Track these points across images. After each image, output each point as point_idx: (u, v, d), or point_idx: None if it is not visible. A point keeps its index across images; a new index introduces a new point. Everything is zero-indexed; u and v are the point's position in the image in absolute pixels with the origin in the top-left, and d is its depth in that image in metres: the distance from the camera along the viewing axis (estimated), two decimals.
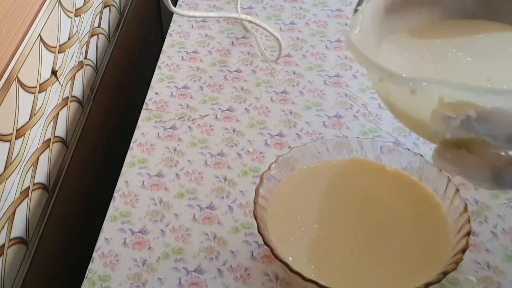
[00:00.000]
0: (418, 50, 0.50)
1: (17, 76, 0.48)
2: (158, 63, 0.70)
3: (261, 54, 0.70)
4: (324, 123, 0.61)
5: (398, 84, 0.41)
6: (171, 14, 0.70)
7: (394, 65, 0.46)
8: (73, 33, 0.60)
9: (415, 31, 0.52)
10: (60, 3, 0.56)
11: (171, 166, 0.58)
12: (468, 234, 0.43)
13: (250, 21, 0.68)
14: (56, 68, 0.56)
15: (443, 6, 0.53)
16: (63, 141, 0.59)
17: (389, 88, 0.45)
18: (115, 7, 0.75)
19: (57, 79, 0.56)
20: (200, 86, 0.66)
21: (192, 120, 0.62)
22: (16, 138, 0.48)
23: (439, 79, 0.39)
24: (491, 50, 0.50)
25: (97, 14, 0.68)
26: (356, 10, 0.48)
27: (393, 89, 0.44)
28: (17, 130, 0.48)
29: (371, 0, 0.49)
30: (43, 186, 0.54)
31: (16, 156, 0.48)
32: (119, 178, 0.57)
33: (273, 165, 0.50)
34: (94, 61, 0.68)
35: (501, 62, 0.49)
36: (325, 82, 0.66)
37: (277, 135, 0.60)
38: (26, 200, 0.51)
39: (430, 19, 0.53)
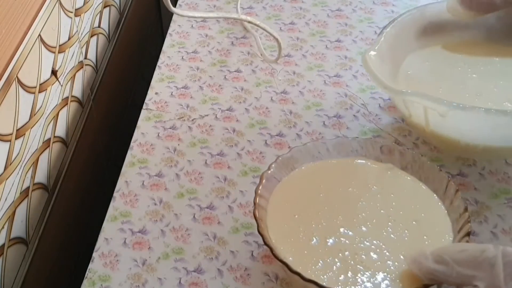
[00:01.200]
0: (431, 61, 0.60)
1: (17, 76, 0.48)
2: (158, 63, 0.70)
3: (261, 55, 0.70)
4: (324, 123, 0.61)
5: (389, 94, 0.52)
6: (171, 14, 0.70)
7: (417, 72, 0.59)
8: (73, 33, 0.60)
9: (448, 46, 0.61)
10: (60, 3, 0.56)
11: (171, 166, 0.58)
12: (468, 234, 0.43)
13: (249, 22, 0.68)
14: (56, 68, 0.56)
15: (475, 30, 0.61)
16: (63, 141, 0.59)
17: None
18: (115, 7, 0.75)
19: (57, 79, 0.56)
20: (200, 86, 0.66)
21: (192, 120, 0.62)
22: (16, 138, 0.48)
23: (418, 93, 0.49)
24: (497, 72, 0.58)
25: (97, 14, 0.68)
26: (381, 32, 0.56)
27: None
28: (17, 130, 0.48)
29: (398, 24, 0.58)
30: (43, 186, 0.54)
31: (16, 156, 0.48)
32: (119, 178, 0.57)
33: (273, 165, 0.50)
34: (94, 61, 0.68)
35: (499, 83, 0.56)
36: (325, 82, 0.66)
37: (277, 135, 0.60)
38: (26, 200, 0.51)
39: (462, 38, 0.61)
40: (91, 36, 0.66)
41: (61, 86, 0.58)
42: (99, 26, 0.69)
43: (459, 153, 0.57)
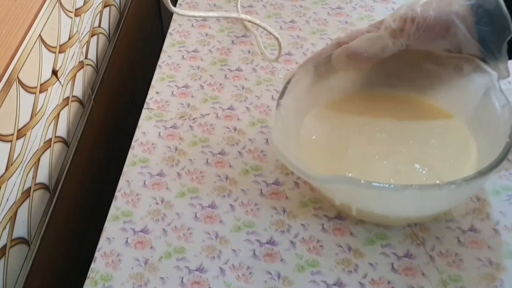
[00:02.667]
0: (333, 122, 0.56)
1: (17, 77, 0.48)
2: (159, 62, 0.70)
3: (261, 53, 0.70)
4: None
5: (313, 183, 0.47)
6: (171, 13, 0.70)
7: (315, 135, 0.54)
8: (73, 33, 0.60)
9: (332, 105, 0.57)
10: (60, 3, 0.56)
11: (172, 165, 0.58)
12: None
13: (249, 21, 0.68)
14: (57, 68, 0.56)
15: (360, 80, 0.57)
16: (64, 141, 0.59)
17: None
18: (115, 6, 0.75)
19: (58, 79, 0.56)
20: (200, 85, 0.66)
21: (193, 119, 0.62)
22: (17, 139, 0.48)
23: (344, 178, 0.44)
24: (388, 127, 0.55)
25: (97, 13, 0.68)
26: (278, 104, 0.51)
27: None
28: (18, 131, 0.48)
29: (292, 90, 0.53)
30: (44, 186, 0.54)
31: (17, 157, 0.48)
32: (121, 177, 0.57)
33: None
34: (95, 61, 0.68)
35: (407, 142, 0.53)
36: None
37: None
38: (27, 200, 0.51)
39: (352, 90, 0.57)
40: (92, 36, 0.66)
41: (62, 86, 0.58)
42: (99, 26, 0.69)
43: (388, 224, 0.52)
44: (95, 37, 0.68)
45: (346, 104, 0.57)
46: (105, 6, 0.71)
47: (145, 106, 0.64)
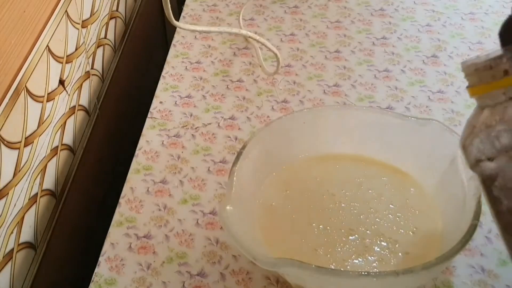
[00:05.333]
0: (292, 189, 0.53)
1: (25, 86, 0.49)
2: (163, 73, 0.71)
3: (260, 67, 0.71)
4: None
5: (258, 264, 0.43)
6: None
7: (275, 199, 0.52)
8: (80, 44, 0.61)
9: (290, 168, 0.55)
10: (68, 15, 0.57)
11: (175, 173, 0.59)
12: None
13: (250, 37, 0.69)
14: (64, 78, 0.57)
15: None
16: (70, 148, 0.60)
17: None
18: (121, 19, 0.77)
19: (65, 89, 0.57)
20: (203, 95, 0.68)
21: (196, 128, 0.64)
22: (24, 146, 0.49)
23: (296, 263, 0.41)
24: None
25: (103, 25, 0.69)
26: (231, 172, 0.48)
27: None
28: (25, 138, 0.49)
29: (247, 156, 0.50)
30: (51, 192, 0.55)
31: (25, 163, 0.49)
32: (125, 184, 0.58)
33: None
34: (101, 71, 0.69)
35: (369, 212, 0.51)
36: (324, 92, 0.67)
37: None
38: (34, 206, 0.52)
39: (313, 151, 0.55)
40: (98, 47, 0.68)
41: (69, 95, 0.59)
42: (105, 37, 0.70)
43: None
44: (101, 48, 0.69)
45: (305, 167, 0.55)
46: (111, 18, 0.72)
47: (149, 115, 0.65)
